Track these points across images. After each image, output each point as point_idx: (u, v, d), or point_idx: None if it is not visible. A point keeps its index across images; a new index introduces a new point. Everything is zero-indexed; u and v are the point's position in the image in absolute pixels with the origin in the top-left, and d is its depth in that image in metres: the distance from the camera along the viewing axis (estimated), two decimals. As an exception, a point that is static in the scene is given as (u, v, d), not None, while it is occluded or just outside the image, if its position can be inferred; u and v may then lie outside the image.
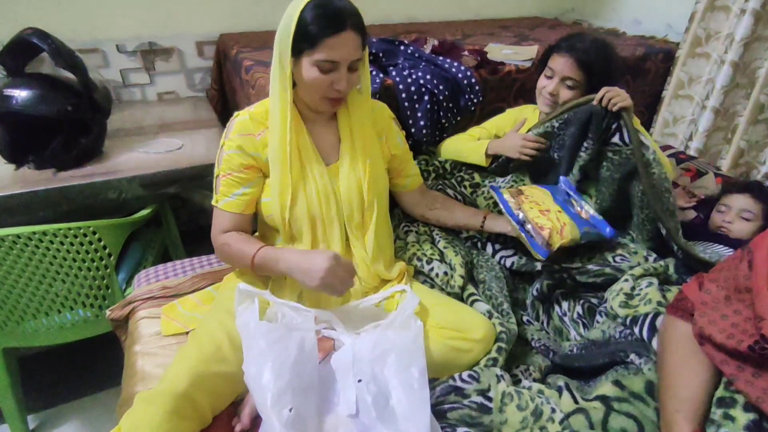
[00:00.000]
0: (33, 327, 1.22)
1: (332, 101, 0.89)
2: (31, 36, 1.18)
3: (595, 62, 1.13)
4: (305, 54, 0.83)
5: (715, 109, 1.68)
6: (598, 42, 1.16)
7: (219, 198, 0.94)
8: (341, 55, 0.82)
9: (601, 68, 1.14)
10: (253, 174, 0.93)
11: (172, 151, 1.41)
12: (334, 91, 0.86)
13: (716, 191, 1.40)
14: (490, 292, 1.06)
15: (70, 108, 1.22)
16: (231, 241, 0.93)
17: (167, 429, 0.73)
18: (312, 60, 0.83)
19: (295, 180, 0.91)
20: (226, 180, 0.92)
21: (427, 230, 1.22)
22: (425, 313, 0.94)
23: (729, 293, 0.72)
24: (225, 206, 0.93)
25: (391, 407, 0.74)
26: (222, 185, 0.93)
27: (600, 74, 1.14)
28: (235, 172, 0.92)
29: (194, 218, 2.12)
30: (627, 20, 2.19)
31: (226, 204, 0.93)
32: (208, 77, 1.92)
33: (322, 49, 0.81)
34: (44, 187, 1.20)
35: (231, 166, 0.92)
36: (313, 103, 0.90)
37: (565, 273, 1.07)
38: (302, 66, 0.84)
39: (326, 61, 0.82)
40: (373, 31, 1.86)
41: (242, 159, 0.91)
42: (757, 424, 0.68)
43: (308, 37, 0.81)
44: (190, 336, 0.90)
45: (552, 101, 1.19)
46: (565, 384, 0.87)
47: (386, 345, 0.81)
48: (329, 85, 0.85)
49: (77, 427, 1.39)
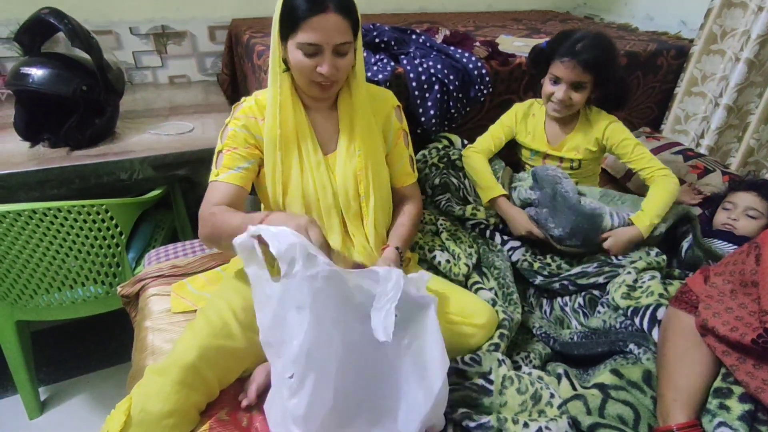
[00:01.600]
0: (46, 301, 1.26)
1: (321, 86, 0.87)
2: (47, 15, 1.19)
3: (599, 60, 1.12)
4: (290, 37, 0.83)
5: (728, 106, 1.67)
6: (594, 37, 1.14)
7: (220, 171, 0.90)
8: (322, 37, 0.80)
9: (605, 64, 1.13)
10: (255, 153, 0.93)
11: (183, 133, 1.43)
12: (319, 76, 0.84)
13: (722, 189, 1.39)
14: (504, 281, 1.07)
15: (86, 88, 1.24)
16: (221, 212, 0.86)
17: (176, 399, 0.75)
18: (295, 43, 0.82)
19: (286, 168, 0.91)
20: (230, 154, 0.91)
21: (432, 219, 1.24)
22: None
23: (735, 287, 0.73)
24: (226, 179, 0.89)
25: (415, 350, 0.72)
26: (225, 159, 0.90)
27: (606, 71, 1.14)
28: (241, 147, 0.91)
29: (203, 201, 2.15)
30: (639, 15, 2.17)
31: (228, 176, 0.90)
32: (219, 62, 1.93)
33: (303, 30, 0.80)
34: (58, 165, 1.22)
35: (236, 142, 0.91)
36: (305, 87, 0.89)
37: (565, 281, 1.08)
38: (289, 50, 0.84)
39: (308, 44, 0.81)
40: (384, 20, 1.85)
41: (247, 137, 0.91)
42: (751, 414, 0.69)
43: (291, 19, 0.81)
44: (199, 312, 0.92)
45: (563, 106, 1.18)
46: (564, 371, 0.89)
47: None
48: (313, 69, 0.83)
49: (87, 400, 1.43)
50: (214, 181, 0.91)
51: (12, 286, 1.21)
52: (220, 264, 1.15)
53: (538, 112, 1.31)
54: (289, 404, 0.66)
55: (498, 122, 1.36)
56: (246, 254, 0.79)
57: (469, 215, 1.23)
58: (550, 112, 1.23)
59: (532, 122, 1.31)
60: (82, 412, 1.40)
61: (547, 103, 1.22)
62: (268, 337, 0.73)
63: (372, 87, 1.01)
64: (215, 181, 0.91)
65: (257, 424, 0.81)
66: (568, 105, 1.18)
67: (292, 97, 0.91)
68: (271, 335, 0.72)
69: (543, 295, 1.15)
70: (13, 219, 1.09)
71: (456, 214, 1.24)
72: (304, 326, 0.67)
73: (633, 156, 1.19)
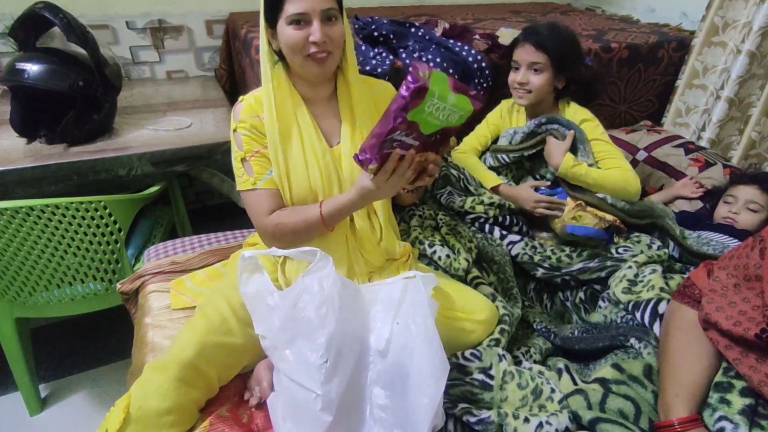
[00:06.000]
0: (45, 298, 1.25)
1: (317, 60, 0.85)
2: (42, 10, 1.18)
3: (550, 40, 1.17)
4: (279, 17, 0.83)
5: (729, 99, 1.66)
6: (549, 24, 1.22)
7: (255, 179, 0.89)
8: (308, 4, 0.81)
9: (556, 43, 1.18)
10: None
11: (181, 129, 1.42)
12: (312, 45, 0.84)
13: (724, 182, 1.39)
14: (504, 275, 1.07)
15: (82, 83, 1.23)
16: (283, 218, 0.88)
17: (175, 396, 0.75)
18: (284, 20, 0.83)
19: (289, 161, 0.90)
20: (256, 159, 0.89)
21: (431, 213, 1.23)
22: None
23: (738, 281, 0.73)
24: (266, 184, 0.89)
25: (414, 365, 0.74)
26: (255, 165, 0.89)
27: (558, 49, 1.18)
28: (262, 149, 0.90)
29: (201, 198, 2.14)
30: (641, 7, 2.15)
31: (267, 182, 0.89)
32: (217, 56, 1.91)
33: (289, 3, 0.81)
34: (56, 162, 1.22)
35: (254, 146, 0.90)
36: (301, 69, 0.88)
37: (567, 276, 1.08)
38: (280, 32, 0.84)
39: (296, 14, 0.81)
40: (383, 13, 1.84)
41: (259, 138, 0.90)
42: (752, 409, 0.69)
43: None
44: (197, 309, 0.91)
45: (525, 91, 1.22)
46: (565, 366, 0.88)
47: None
48: (305, 40, 0.83)
49: (88, 397, 1.43)
50: (252, 189, 0.90)
51: (11, 284, 1.20)
52: (220, 260, 1.15)
53: (522, 107, 1.33)
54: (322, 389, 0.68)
55: (484, 121, 1.39)
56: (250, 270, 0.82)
57: (469, 208, 1.23)
58: (517, 100, 1.26)
59: (516, 117, 1.35)
60: (82, 409, 1.40)
61: (513, 91, 1.25)
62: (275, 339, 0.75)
63: (371, 79, 1.01)
64: (254, 189, 0.90)
65: (258, 420, 0.81)
66: (529, 89, 1.21)
67: (289, 89, 0.90)
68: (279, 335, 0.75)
69: (543, 290, 1.15)
70: (11, 216, 1.09)
71: (457, 206, 1.24)
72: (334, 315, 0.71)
73: (601, 155, 1.21)
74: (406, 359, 0.73)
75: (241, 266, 0.84)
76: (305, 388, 0.70)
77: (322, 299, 0.72)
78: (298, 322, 0.74)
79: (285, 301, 0.77)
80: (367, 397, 0.74)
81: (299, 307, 0.75)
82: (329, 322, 0.71)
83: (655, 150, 1.57)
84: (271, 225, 0.89)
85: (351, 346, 0.73)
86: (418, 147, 0.76)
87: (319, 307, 0.72)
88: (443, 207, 1.26)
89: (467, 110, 0.75)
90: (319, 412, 0.68)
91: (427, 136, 0.75)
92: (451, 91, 0.72)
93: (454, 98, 0.72)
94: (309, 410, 0.69)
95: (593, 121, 1.24)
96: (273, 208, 0.90)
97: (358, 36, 1.46)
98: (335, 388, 0.69)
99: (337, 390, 0.69)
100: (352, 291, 0.79)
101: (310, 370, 0.70)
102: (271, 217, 0.89)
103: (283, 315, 0.76)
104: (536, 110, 1.28)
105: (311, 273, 0.75)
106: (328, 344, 0.70)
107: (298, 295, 0.75)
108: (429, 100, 0.70)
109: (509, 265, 1.10)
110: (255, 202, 0.90)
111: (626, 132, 1.69)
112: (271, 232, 0.89)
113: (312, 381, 0.69)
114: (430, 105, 0.70)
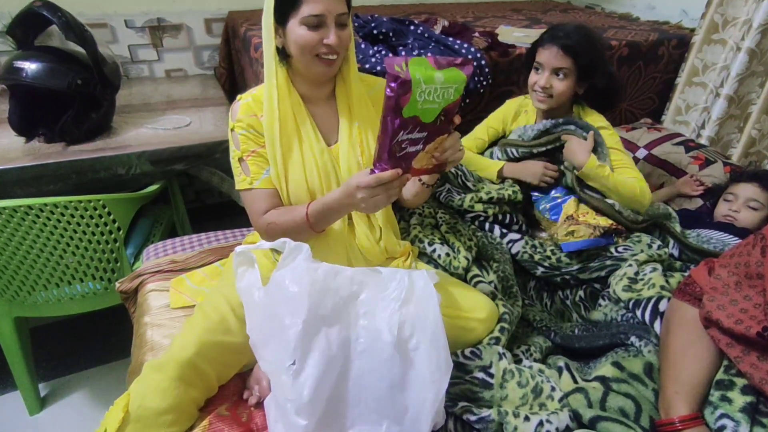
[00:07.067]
0: (44, 297, 1.25)
1: (326, 62, 0.86)
2: (40, 8, 1.18)
3: (579, 45, 1.12)
4: (291, 16, 0.82)
5: (729, 96, 1.65)
6: (578, 27, 1.15)
7: (252, 178, 0.89)
8: (325, 6, 0.81)
9: (585, 50, 1.13)
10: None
11: (180, 128, 1.42)
12: (325, 47, 0.84)
13: (724, 180, 1.39)
14: (504, 274, 1.06)
15: (81, 82, 1.23)
16: (274, 218, 0.89)
17: (174, 395, 0.75)
18: (298, 19, 0.82)
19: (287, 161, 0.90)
20: (253, 159, 0.89)
21: (431, 212, 1.23)
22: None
23: (740, 279, 0.72)
24: (263, 184, 0.90)
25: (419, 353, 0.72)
26: (251, 165, 0.89)
27: (586, 57, 1.13)
28: (258, 148, 0.90)
29: (200, 197, 2.14)
30: (641, 5, 2.15)
31: (263, 181, 0.90)
32: (216, 55, 1.91)
33: (306, 3, 0.81)
34: (54, 161, 1.21)
35: (251, 145, 0.90)
36: (307, 69, 0.87)
37: (567, 275, 1.08)
38: (290, 31, 0.84)
39: (312, 16, 0.81)
40: (382, 11, 1.83)
41: (256, 137, 0.90)
42: (753, 406, 0.69)
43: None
44: (197, 308, 0.91)
45: (546, 95, 1.17)
46: (565, 364, 0.88)
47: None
48: (319, 41, 0.83)
49: (87, 396, 1.43)
50: (249, 189, 0.90)
51: (9, 283, 1.20)
52: (219, 259, 1.14)
53: (531, 109, 1.30)
54: (293, 392, 0.66)
55: (483, 123, 1.36)
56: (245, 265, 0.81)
57: (468, 206, 1.23)
58: (535, 103, 1.21)
59: (523, 119, 1.31)
60: (82, 408, 1.40)
61: (532, 93, 1.21)
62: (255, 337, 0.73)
63: (369, 77, 1.00)
64: (251, 189, 0.90)
65: (257, 419, 0.81)
66: (550, 94, 1.16)
67: (288, 88, 0.89)
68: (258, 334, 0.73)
69: (544, 288, 1.14)
70: (9, 215, 1.08)
71: (456, 203, 1.23)
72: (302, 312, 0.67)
73: (616, 164, 1.17)
74: (410, 351, 0.71)
75: (236, 261, 0.83)
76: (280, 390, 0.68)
77: (289, 295, 0.69)
78: (270, 319, 0.72)
79: (264, 298, 0.75)
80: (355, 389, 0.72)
81: (273, 303, 0.72)
82: (296, 321, 0.67)
83: (656, 148, 1.57)
84: (264, 224, 0.90)
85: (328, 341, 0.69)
86: (428, 137, 0.74)
87: (287, 303, 0.69)
88: (443, 205, 1.26)
89: (460, 80, 0.72)
90: (294, 416, 0.65)
91: (430, 123, 0.73)
92: (436, 69, 0.69)
93: (442, 75, 0.69)
94: (286, 414, 0.67)
95: (609, 129, 1.21)
96: (269, 207, 0.90)
97: (358, 34, 1.45)
98: (308, 392, 0.65)
99: (311, 392, 0.66)
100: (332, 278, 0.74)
101: (280, 372, 0.68)
102: (264, 217, 0.90)
103: (260, 312, 0.74)
104: (550, 114, 1.23)
105: (282, 267, 0.73)
106: (295, 344, 0.66)
107: (273, 291, 0.73)
108: (417, 90, 0.67)
109: (509, 264, 1.10)
110: (251, 202, 0.91)
111: (626, 130, 1.69)
112: (263, 230, 0.91)
113: (282, 384, 0.67)
114: (420, 94, 0.68)
